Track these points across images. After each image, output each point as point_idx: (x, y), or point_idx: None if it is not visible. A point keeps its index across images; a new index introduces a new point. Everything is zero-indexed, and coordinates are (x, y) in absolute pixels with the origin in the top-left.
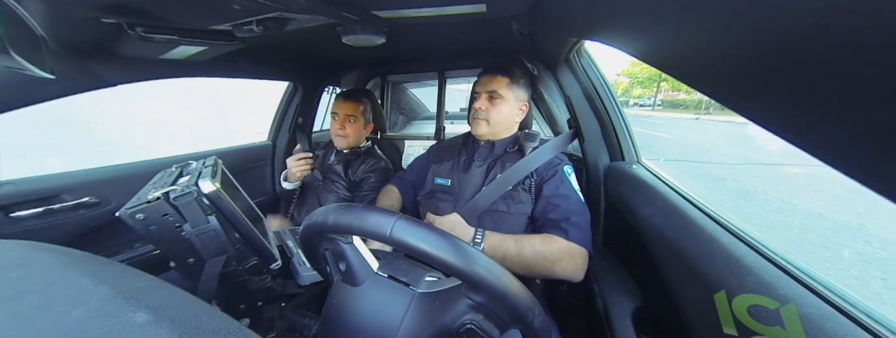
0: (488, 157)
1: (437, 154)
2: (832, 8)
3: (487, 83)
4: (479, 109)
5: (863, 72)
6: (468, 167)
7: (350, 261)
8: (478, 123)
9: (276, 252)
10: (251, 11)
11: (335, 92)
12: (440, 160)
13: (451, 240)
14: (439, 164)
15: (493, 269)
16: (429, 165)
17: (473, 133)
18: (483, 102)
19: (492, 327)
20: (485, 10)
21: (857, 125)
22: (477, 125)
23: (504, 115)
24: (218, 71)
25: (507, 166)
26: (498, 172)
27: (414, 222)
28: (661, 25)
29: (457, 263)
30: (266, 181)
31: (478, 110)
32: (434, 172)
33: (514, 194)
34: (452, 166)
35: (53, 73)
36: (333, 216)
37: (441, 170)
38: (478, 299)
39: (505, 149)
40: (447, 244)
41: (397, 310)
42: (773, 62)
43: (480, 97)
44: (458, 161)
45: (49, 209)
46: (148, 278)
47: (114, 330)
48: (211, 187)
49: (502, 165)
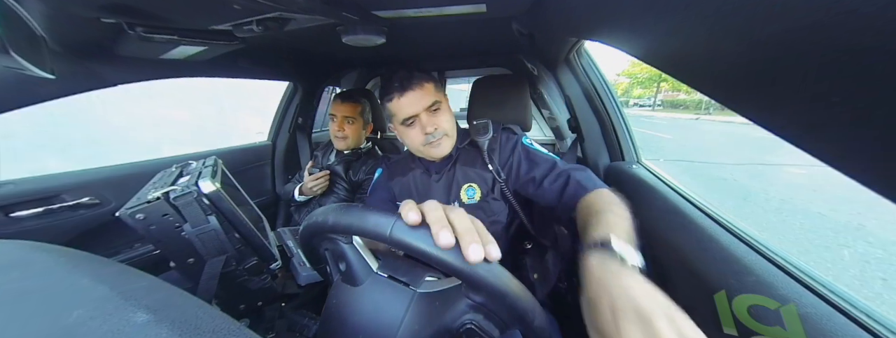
0: (446, 164)
1: (389, 172)
2: (833, 8)
3: (420, 99)
4: (432, 132)
5: (863, 72)
6: (428, 184)
7: (350, 261)
8: (440, 145)
9: (276, 252)
10: (251, 11)
11: (335, 92)
12: (392, 177)
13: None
14: (393, 182)
15: (493, 269)
16: (388, 185)
17: (435, 158)
18: (429, 120)
19: (492, 327)
20: (485, 10)
21: (858, 125)
22: (439, 148)
23: (453, 122)
24: (218, 71)
25: (465, 169)
26: (459, 180)
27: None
28: (661, 25)
29: (456, 263)
30: (266, 181)
31: (433, 133)
32: (394, 195)
33: (484, 206)
34: (409, 185)
35: (53, 73)
36: (333, 216)
37: (401, 192)
38: (478, 299)
39: (457, 150)
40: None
41: (397, 310)
42: (773, 62)
43: (419, 119)
44: (413, 178)
45: (49, 209)
46: (148, 278)
47: (114, 330)
48: (211, 187)
49: (458, 169)
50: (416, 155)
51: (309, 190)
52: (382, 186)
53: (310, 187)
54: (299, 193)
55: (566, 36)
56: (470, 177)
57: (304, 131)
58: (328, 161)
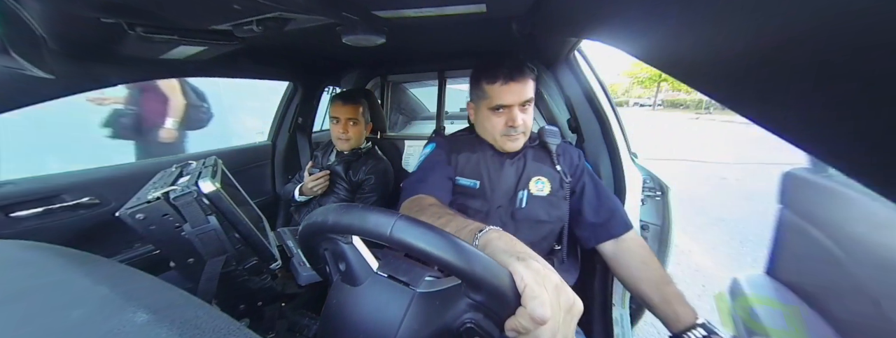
0: (515, 155)
1: (449, 146)
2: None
3: (521, 92)
4: (516, 126)
5: (864, 72)
6: (500, 165)
7: (349, 261)
8: (516, 140)
9: (276, 252)
10: (251, 11)
11: (335, 92)
12: (454, 152)
13: (451, 239)
14: (457, 156)
15: (492, 268)
16: (448, 158)
17: (506, 150)
18: (519, 115)
19: (492, 326)
20: (485, 10)
21: (859, 125)
22: (515, 142)
23: (532, 121)
24: (218, 71)
25: (535, 163)
26: (530, 171)
27: (414, 222)
28: (661, 25)
29: (457, 262)
30: (266, 181)
31: (516, 127)
32: (454, 170)
33: (553, 201)
34: (479, 163)
35: (53, 74)
36: (333, 216)
37: (464, 168)
38: (478, 298)
39: (526, 147)
40: (447, 243)
41: (397, 310)
42: (773, 62)
43: (510, 110)
44: (484, 156)
45: (49, 209)
46: (148, 278)
47: (114, 330)
48: (211, 187)
49: (529, 161)
50: (483, 137)
51: (309, 190)
52: (441, 160)
53: (310, 187)
54: (299, 194)
55: (566, 36)
56: (541, 171)
57: (304, 131)
58: (328, 161)
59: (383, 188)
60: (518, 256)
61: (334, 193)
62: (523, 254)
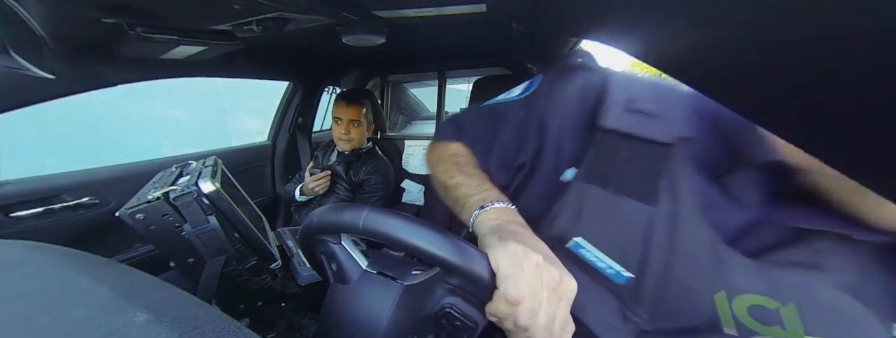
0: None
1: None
2: (833, 8)
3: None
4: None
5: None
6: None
7: (339, 260)
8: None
9: (276, 252)
10: (251, 11)
11: (335, 92)
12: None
13: (419, 225)
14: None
15: (463, 251)
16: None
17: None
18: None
19: (471, 309)
20: (485, 10)
21: (859, 125)
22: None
23: None
24: (218, 71)
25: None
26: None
27: (383, 212)
28: (661, 26)
29: (426, 247)
30: (266, 181)
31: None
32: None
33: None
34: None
35: (53, 73)
36: (317, 218)
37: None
38: (453, 282)
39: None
40: (415, 230)
41: (385, 304)
42: (773, 62)
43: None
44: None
45: (49, 209)
46: (148, 278)
47: (114, 330)
48: (211, 187)
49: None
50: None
51: (310, 190)
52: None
53: (311, 188)
54: (300, 194)
55: (566, 36)
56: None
57: (304, 131)
58: (329, 161)
59: (384, 188)
60: (499, 235)
61: (335, 194)
62: (505, 233)
